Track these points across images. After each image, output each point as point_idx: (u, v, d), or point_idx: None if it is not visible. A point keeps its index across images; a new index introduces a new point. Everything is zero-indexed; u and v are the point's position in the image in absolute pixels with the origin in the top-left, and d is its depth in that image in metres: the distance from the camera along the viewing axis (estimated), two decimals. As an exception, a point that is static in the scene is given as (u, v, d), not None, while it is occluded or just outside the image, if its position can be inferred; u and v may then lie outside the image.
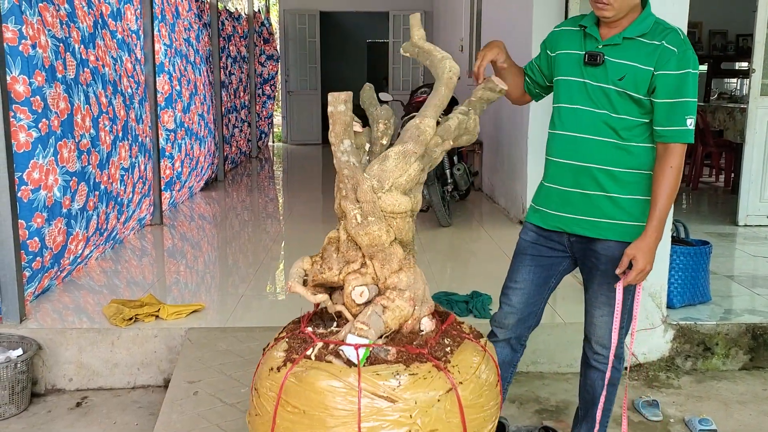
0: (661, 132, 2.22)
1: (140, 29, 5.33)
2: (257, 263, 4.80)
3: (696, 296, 3.82)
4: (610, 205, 2.28)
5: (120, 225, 4.82)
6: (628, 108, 2.23)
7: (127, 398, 3.36)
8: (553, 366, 3.53)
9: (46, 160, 3.69)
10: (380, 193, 1.85)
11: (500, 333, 2.53)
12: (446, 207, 6.00)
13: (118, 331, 3.44)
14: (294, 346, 1.88)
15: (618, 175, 2.27)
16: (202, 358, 3.28)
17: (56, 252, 3.86)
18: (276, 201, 7.81)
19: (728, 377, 3.56)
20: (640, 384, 3.47)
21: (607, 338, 2.41)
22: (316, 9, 13.19)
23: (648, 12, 2.25)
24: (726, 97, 10.68)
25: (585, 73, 2.27)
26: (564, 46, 2.37)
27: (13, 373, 3.13)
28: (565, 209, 2.35)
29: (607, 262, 2.33)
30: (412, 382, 1.76)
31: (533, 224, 2.46)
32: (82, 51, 4.14)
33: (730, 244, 5.43)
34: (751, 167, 5.89)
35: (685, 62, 2.17)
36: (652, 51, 2.18)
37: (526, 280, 2.46)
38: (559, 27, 2.47)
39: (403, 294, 1.87)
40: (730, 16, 10.62)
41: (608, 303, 2.37)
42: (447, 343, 1.93)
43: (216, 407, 2.91)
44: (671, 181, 2.20)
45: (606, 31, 2.27)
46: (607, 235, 2.30)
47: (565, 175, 2.33)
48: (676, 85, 2.17)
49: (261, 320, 3.67)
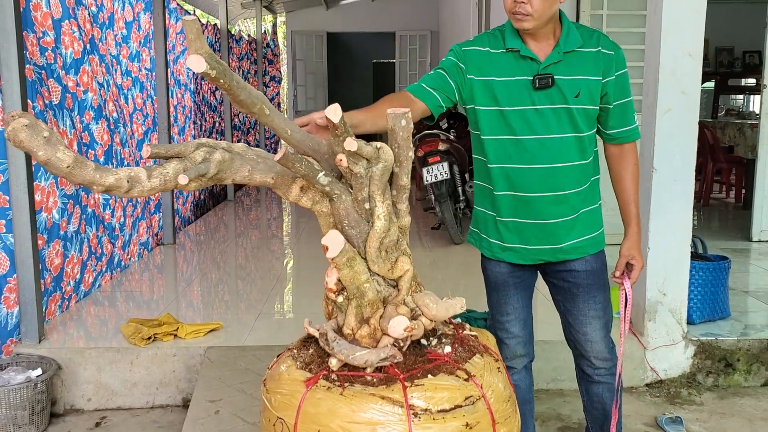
0: (616, 134, 2.23)
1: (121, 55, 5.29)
2: (272, 280, 4.80)
3: (716, 312, 3.80)
4: (586, 222, 2.26)
5: (119, 250, 4.78)
6: (586, 124, 2.18)
7: (146, 418, 3.34)
8: (573, 383, 3.45)
9: (48, 182, 3.75)
10: None
11: (517, 364, 2.44)
12: (459, 224, 5.99)
13: (137, 351, 3.44)
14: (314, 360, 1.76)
15: (584, 192, 2.24)
16: (222, 377, 3.26)
17: (56, 275, 3.88)
18: (285, 219, 7.82)
19: (751, 393, 3.53)
20: (661, 400, 3.44)
21: (605, 351, 2.37)
22: (323, 30, 13.31)
23: (567, 21, 2.17)
24: (734, 113, 10.69)
25: (536, 99, 2.12)
26: (495, 73, 2.14)
27: (32, 393, 3.12)
28: (547, 241, 2.24)
29: (587, 277, 2.29)
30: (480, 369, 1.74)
31: (506, 261, 2.33)
32: (63, 76, 4.11)
33: (745, 260, 5.40)
34: (764, 183, 5.87)
35: (621, 62, 2.17)
36: (594, 59, 2.13)
37: (517, 308, 2.39)
38: (471, 46, 2.20)
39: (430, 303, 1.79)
40: (736, 33, 10.65)
41: (597, 316, 2.33)
42: None
43: (238, 426, 2.89)
44: (637, 176, 2.29)
45: (536, 48, 2.13)
46: (588, 251, 2.28)
47: (541, 208, 2.19)
48: (622, 87, 2.18)
49: (280, 338, 3.66)
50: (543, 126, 2.13)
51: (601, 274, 2.33)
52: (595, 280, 2.30)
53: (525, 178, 2.17)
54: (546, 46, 2.13)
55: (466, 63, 2.17)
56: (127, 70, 5.34)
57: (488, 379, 1.74)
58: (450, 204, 5.81)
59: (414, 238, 6.25)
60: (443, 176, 5.66)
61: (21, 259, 3.36)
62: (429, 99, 2.15)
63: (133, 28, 5.48)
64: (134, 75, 5.46)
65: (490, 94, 2.15)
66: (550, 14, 2.07)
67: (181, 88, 7.21)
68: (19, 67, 3.27)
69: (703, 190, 7.94)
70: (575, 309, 2.34)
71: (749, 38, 9.54)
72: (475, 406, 1.65)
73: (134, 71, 5.46)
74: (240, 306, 4.32)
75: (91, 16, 4.59)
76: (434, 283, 4.67)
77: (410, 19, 13.17)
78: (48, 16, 3.95)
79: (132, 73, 5.42)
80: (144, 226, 5.32)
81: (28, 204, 3.32)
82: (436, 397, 1.61)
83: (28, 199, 3.32)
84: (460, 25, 10.28)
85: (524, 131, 2.13)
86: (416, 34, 13.32)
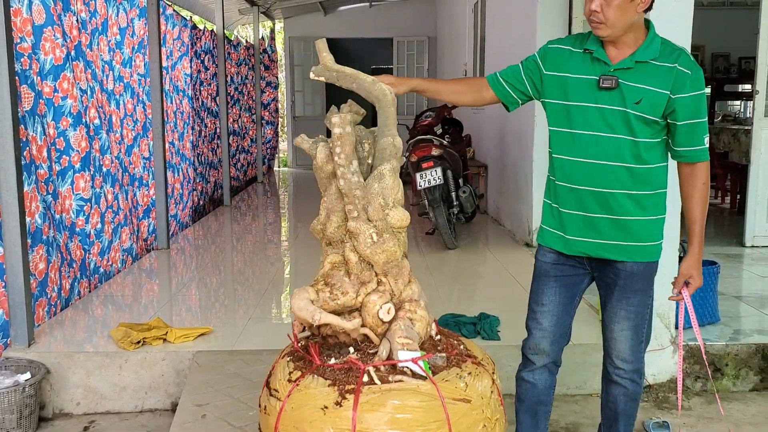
0: (683, 153, 2.27)
1: (114, 60, 5.30)
2: (264, 286, 4.81)
3: (705, 317, 3.81)
4: (635, 228, 2.31)
5: (96, 257, 4.71)
6: (645, 131, 2.24)
7: (134, 422, 3.35)
8: (562, 388, 3.50)
9: (30, 187, 3.77)
10: (387, 210, 1.87)
11: (537, 360, 2.49)
12: (452, 229, 6.00)
13: (126, 355, 3.44)
14: (339, 377, 1.86)
15: (639, 198, 2.29)
16: (210, 381, 3.27)
17: (41, 279, 3.89)
18: (280, 225, 7.83)
19: (739, 398, 3.53)
20: (650, 405, 3.44)
21: (629, 352, 2.42)
22: (321, 36, 13.31)
23: (654, 33, 2.26)
24: (730, 119, 10.71)
25: (599, 98, 2.25)
26: (570, 69, 2.32)
27: (21, 397, 3.13)
28: (589, 234, 2.34)
29: (626, 278, 2.35)
30: (472, 380, 1.90)
31: (552, 249, 2.44)
32: (38, 83, 4.10)
33: (738, 265, 5.41)
34: (757, 188, 5.89)
35: (698, 84, 2.22)
36: (666, 74, 2.20)
37: (553, 301, 2.45)
38: (557, 44, 2.40)
39: (420, 304, 1.90)
40: (732, 39, 10.69)
41: (627, 317, 2.39)
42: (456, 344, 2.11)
43: (224, 430, 2.90)
44: (705, 197, 2.31)
45: (614, 54, 2.25)
46: (633, 257, 2.33)
47: (587, 201, 2.31)
48: (694, 107, 2.22)
49: (268, 343, 3.67)
50: (600, 124, 2.25)
51: (642, 280, 2.37)
52: (634, 283, 2.35)
53: (576, 170, 2.30)
54: (623, 53, 2.25)
55: (546, 60, 2.38)
56: (120, 75, 5.35)
57: None
58: (443, 209, 5.82)
59: (409, 243, 6.23)
60: (436, 181, 5.67)
61: (10, 263, 3.37)
62: (500, 91, 2.45)
63: (127, 34, 5.50)
64: (126, 81, 5.47)
65: (561, 89, 2.32)
66: (624, 24, 2.19)
67: (179, 94, 7.23)
68: (9, 74, 3.29)
69: (699, 195, 7.95)
70: (609, 306, 2.43)
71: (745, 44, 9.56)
72: None
73: (126, 77, 5.48)
74: (231, 310, 4.33)
75: (80, 22, 4.59)
76: (428, 288, 4.66)
77: (408, 26, 13.22)
78: (28, 22, 3.96)
79: (124, 79, 5.43)
80: (127, 232, 5.27)
81: (17, 208, 3.33)
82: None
83: (17, 203, 3.34)
84: (457, 31, 10.31)
85: (582, 126, 2.27)
86: (414, 40, 13.37)
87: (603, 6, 2.17)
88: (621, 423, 2.52)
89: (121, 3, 5.39)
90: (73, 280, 4.38)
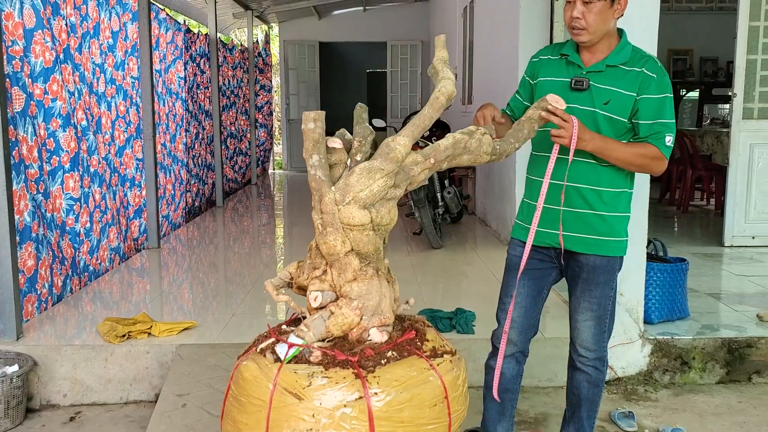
0: (644, 137, 2.39)
1: (106, 63, 5.40)
2: (250, 284, 4.92)
3: (674, 312, 3.92)
4: (598, 222, 2.44)
5: (85, 255, 4.82)
6: (612, 130, 2.39)
7: (119, 413, 3.46)
8: (533, 380, 3.62)
9: (19, 185, 3.89)
10: (340, 205, 1.98)
11: (505, 349, 2.60)
12: (437, 229, 6.12)
13: (112, 348, 3.56)
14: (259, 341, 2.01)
15: (603, 194, 2.43)
16: (192, 372, 3.38)
17: (29, 276, 4.00)
18: (272, 225, 7.94)
19: (705, 390, 3.65)
20: (618, 397, 3.56)
21: (591, 341, 2.55)
22: (315, 39, 13.49)
23: (625, 41, 2.43)
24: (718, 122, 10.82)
25: (571, 99, 2.39)
26: (546, 74, 2.51)
27: (8, 388, 3.24)
28: (555, 227, 2.47)
29: (588, 271, 2.49)
30: (323, 384, 1.87)
31: (521, 241, 2.56)
32: (29, 84, 4.20)
33: (716, 264, 5.53)
34: (735, 189, 6.01)
35: (663, 87, 2.36)
36: (634, 78, 2.35)
37: (522, 294, 2.58)
38: (537, 56, 2.62)
39: (351, 303, 1.99)
40: (720, 44, 10.81)
41: (590, 308, 2.52)
42: (390, 355, 2.00)
43: (203, 419, 3.01)
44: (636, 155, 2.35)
45: (587, 58, 2.43)
46: (593, 251, 2.46)
47: (553, 194, 2.44)
48: (657, 108, 2.36)
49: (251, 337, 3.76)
50: None
51: (605, 273, 2.48)
52: (597, 277, 2.48)
53: (545, 166, 2.41)
54: (597, 57, 2.41)
55: (534, 72, 2.58)
56: (112, 78, 5.47)
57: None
58: (429, 209, 5.93)
59: (396, 243, 6.38)
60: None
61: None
62: (511, 117, 2.66)
63: (120, 38, 5.62)
64: (119, 83, 5.59)
65: (542, 92, 2.47)
66: (604, 29, 2.36)
67: (172, 97, 7.34)
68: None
69: (683, 197, 8.08)
70: (573, 297, 2.57)
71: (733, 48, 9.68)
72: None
73: (119, 79, 5.60)
74: (215, 306, 4.44)
75: (69, 26, 4.70)
76: (413, 285, 4.80)
77: (401, 30, 13.36)
78: (19, 25, 4.08)
79: (116, 81, 5.55)
80: (114, 232, 5.35)
81: (6, 204, 3.45)
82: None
83: (6, 201, 3.45)
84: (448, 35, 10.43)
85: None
86: (407, 44, 13.51)
87: (585, 13, 2.32)
88: (584, 408, 2.64)
89: (114, 7, 5.51)
90: (65, 277, 4.50)
